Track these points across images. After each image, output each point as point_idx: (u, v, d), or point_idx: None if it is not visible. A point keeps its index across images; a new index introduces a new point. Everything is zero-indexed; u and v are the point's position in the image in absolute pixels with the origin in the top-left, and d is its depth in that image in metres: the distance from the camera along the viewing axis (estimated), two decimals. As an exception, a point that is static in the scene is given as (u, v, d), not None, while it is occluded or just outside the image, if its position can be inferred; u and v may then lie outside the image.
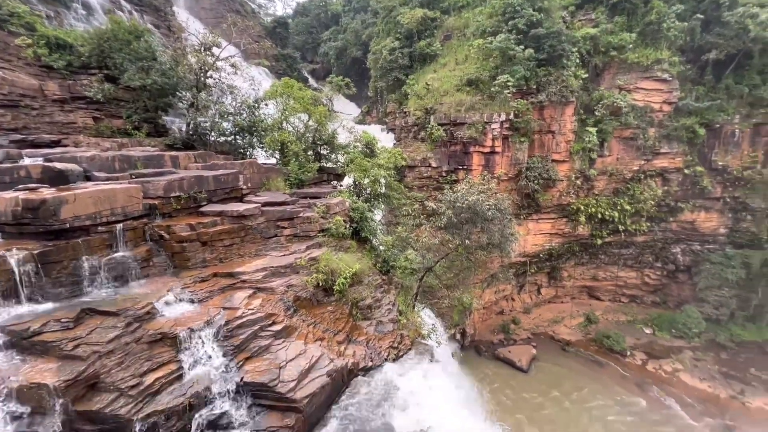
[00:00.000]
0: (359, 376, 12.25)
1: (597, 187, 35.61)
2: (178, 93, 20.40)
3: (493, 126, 31.97)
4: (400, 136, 36.57)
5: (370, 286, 17.05)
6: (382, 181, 24.09)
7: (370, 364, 12.86)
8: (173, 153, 16.65)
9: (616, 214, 35.06)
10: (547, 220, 36.72)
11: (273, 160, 22.23)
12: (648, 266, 38.96)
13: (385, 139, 35.39)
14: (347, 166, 22.77)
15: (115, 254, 10.94)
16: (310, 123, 23.13)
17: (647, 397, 30.29)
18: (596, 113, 33.50)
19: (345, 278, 15.00)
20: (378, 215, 25.54)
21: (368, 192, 23.78)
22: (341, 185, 24.29)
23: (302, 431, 9.85)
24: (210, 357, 10.04)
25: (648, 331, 37.23)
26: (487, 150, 32.84)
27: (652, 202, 34.80)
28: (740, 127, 33.21)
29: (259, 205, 14.99)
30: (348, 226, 18.39)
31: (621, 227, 35.60)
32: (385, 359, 13.57)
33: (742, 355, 33.46)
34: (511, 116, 32.01)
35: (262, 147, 21.99)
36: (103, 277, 10.53)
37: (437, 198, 21.44)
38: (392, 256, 20.67)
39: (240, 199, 16.08)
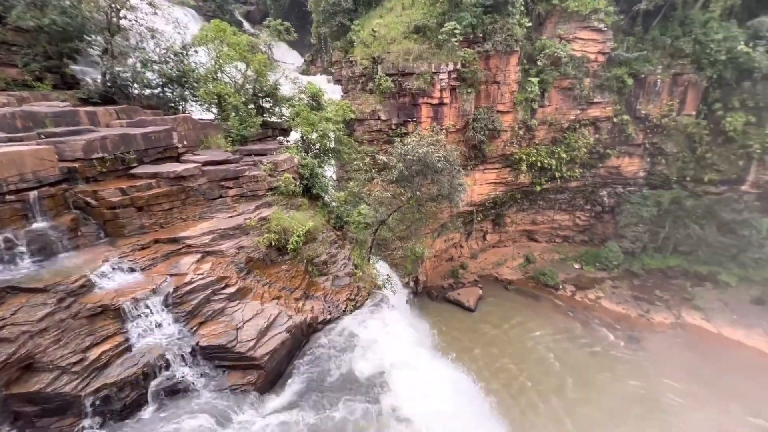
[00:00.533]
0: (319, 330, 12.63)
1: (537, 137, 37.44)
2: (86, 37, 17.52)
3: (441, 76, 31.65)
4: (347, 88, 35.08)
5: (325, 242, 17.08)
6: (331, 135, 23.34)
7: (329, 317, 13.24)
8: (89, 108, 14.62)
9: (554, 162, 37.46)
10: (492, 170, 38.37)
11: (210, 115, 20.48)
12: (579, 209, 42.82)
13: (331, 91, 33.78)
14: (293, 120, 21.64)
15: (34, 225, 9.78)
16: (249, 73, 21.30)
17: (577, 322, 34.73)
18: (538, 63, 34.30)
19: (298, 236, 14.84)
20: (329, 171, 25.01)
21: (317, 147, 22.99)
22: (288, 141, 23.21)
23: (265, 386, 10.12)
24: (160, 325, 9.71)
25: (577, 266, 41.80)
26: (435, 101, 32.73)
27: (585, 150, 37.49)
28: (662, 77, 35.95)
29: (199, 164, 13.95)
30: (298, 183, 17.89)
31: (558, 174, 38.26)
32: (344, 311, 14.03)
33: (650, 280, 39.05)
34: (459, 66, 31.80)
35: (196, 100, 20.04)
36: (22, 252, 9.45)
37: (387, 151, 21.33)
38: (345, 211, 20.64)
39: (176, 158, 14.82)
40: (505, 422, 21.04)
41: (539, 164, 37.57)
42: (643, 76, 35.98)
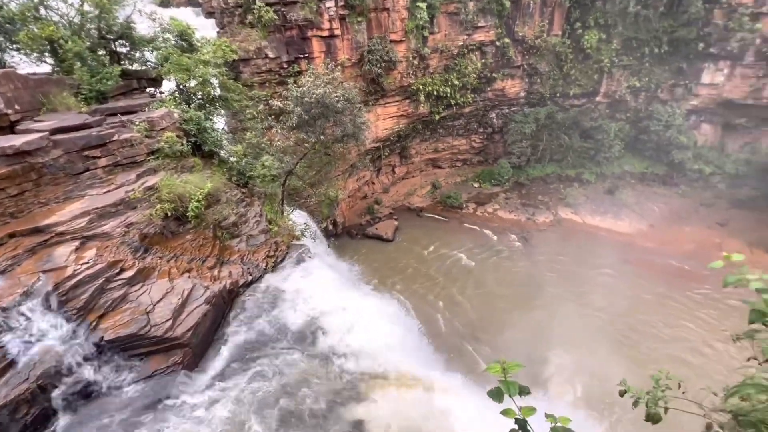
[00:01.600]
0: (242, 293, 12.30)
1: (431, 66, 37.98)
2: None
3: (327, 4, 29.12)
4: (222, 22, 30.32)
5: (230, 202, 15.95)
6: (214, 81, 20.59)
7: (249, 278, 12.89)
8: None
9: (448, 90, 38.89)
10: (392, 104, 38.46)
11: (46, 68, 16.28)
12: (473, 132, 46.18)
13: (203, 27, 28.90)
14: (162, 66, 18.39)
15: None
16: (87, 8, 16.96)
17: (480, 234, 39.41)
18: (424, -14, 33.52)
19: (198, 201, 13.56)
20: (220, 123, 22.45)
21: (200, 97, 20.19)
22: (161, 92, 19.94)
23: (194, 362, 9.80)
24: (47, 330, 8.42)
25: (476, 185, 46.26)
26: (326, 34, 30.43)
27: (474, 75, 39.43)
28: (534, -1, 38.25)
29: (46, 133, 11.31)
30: (185, 142, 15.85)
31: (453, 101, 40.04)
32: (265, 269, 13.76)
33: (533, 188, 45.36)
34: (345, -9, 29.50)
35: (19, 49, 15.60)
36: None
37: (282, 95, 19.69)
38: (247, 166, 19.17)
39: (9, 129, 11.77)
40: (431, 332, 23.98)
41: (436, 93, 38.67)
42: (518, -3, 37.81)
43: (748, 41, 34.83)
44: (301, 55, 30.79)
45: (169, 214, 12.67)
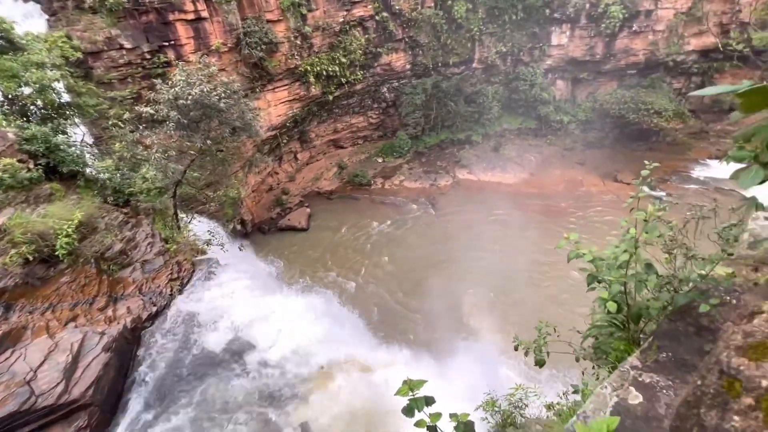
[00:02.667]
0: (149, 327, 11.15)
1: (316, 45, 36.84)
2: None
3: (185, -17, 25.88)
4: (52, 7, 24.84)
5: (112, 228, 14.04)
6: (58, 85, 17.21)
7: (154, 309, 11.70)
8: None
9: (337, 69, 38.37)
10: (282, 88, 36.67)
11: None
12: (369, 109, 46.76)
13: (26, 15, 23.52)
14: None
15: None
16: None
17: (390, 206, 41.01)
18: (292, -40, 31.76)
19: (68, 235, 11.66)
20: (77, 135, 19.00)
21: (41, 107, 16.74)
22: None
23: (104, 420, 8.77)
24: None
25: (380, 160, 47.50)
26: (191, 17, 27.20)
27: (360, 51, 39.44)
28: (404, -30, 39.09)
29: None
30: (32, 166, 13.27)
31: (343, 80, 39.73)
32: (171, 295, 12.58)
33: (432, 155, 48.34)
34: (203, -33, 26.44)
35: None
36: None
37: (152, 99, 17.28)
38: (124, 181, 16.82)
39: None
40: (362, 312, 24.79)
41: (325, 73, 37.87)
42: (389, -31, 38.23)
43: (580, 6, 40.93)
44: (166, 43, 27.21)
45: (31, 257, 10.68)
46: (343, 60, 38.40)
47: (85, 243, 12.55)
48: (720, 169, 42.04)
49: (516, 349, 5.12)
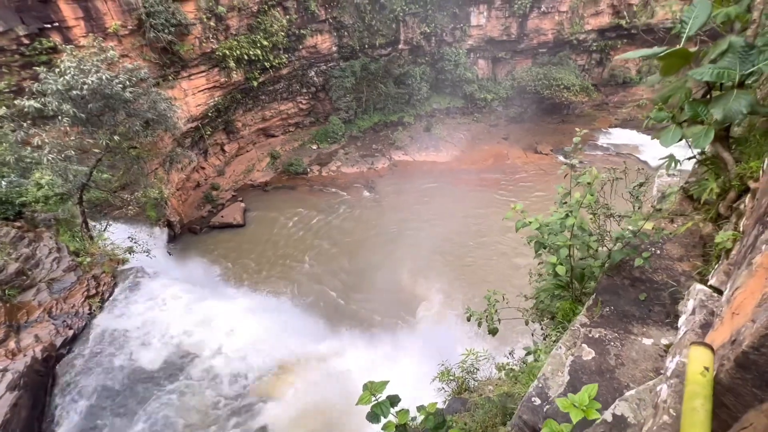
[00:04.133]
0: (66, 355, 9.75)
1: (232, 26, 34.07)
2: None
3: (63, -48, 22.11)
4: None
5: (2, 246, 11.95)
6: None
7: (70, 333, 10.26)
8: None
9: (259, 52, 36.01)
10: (199, 75, 33.58)
11: None
12: (297, 94, 44.90)
13: None
14: None
15: None
16: None
17: (329, 193, 40.34)
18: (195, -70, 28.68)
19: (-58, 262, 9.68)
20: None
21: None
22: None
23: (23, 465, 7.59)
24: None
25: (315, 147, 46.19)
26: (75, -7, 23.46)
27: (283, 34, 37.36)
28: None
29: None
30: None
31: (267, 64, 37.48)
32: (90, 313, 11.11)
33: (367, 138, 48.15)
34: (84, -66, 22.76)
35: None
36: None
37: (36, 91, 14.64)
38: (11, 190, 14.31)
39: None
40: (310, 305, 24.31)
41: (246, 57, 35.37)
42: (304, -55, 36.30)
43: (495, -13, 42.82)
44: (48, 25, 23.27)
45: None
46: (265, 43, 36.13)
47: (-33, 268, 10.51)
48: (619, 137, 47.64)
49: (468, 319, 5.30)
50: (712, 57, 2.26)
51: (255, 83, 37.99)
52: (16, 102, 14.56)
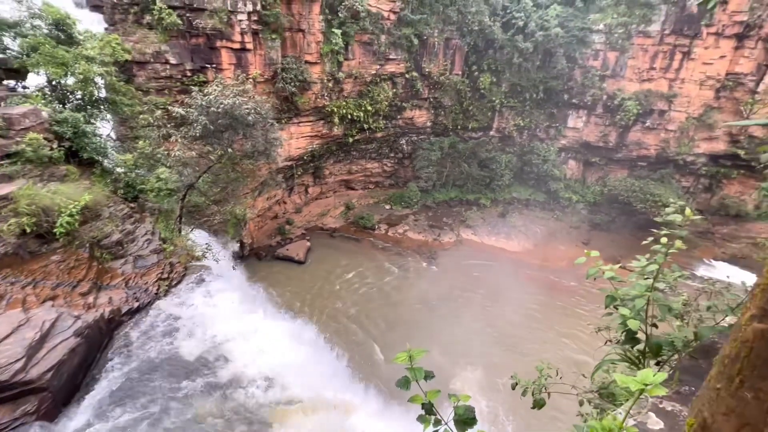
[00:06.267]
0: (125, 321, 10.60)
1: (345, 90, 39.07)
2: None
3: (239, 17, 28.21)
4: (113, 18, 27.02)
5: (115, 218, 13.95)
6: (99, 81, 18.14)
7: (136, 305, 11.22)
8: None
9: (362, 115, 40.32)
10: (306, 123, 38.29)
11: None
12: (385, 157, 48.34)
13: (88, 21, 25.48)
14: (28, 56, 15.62)
15: None
16: None
17: (391, 253, 40.64)
18: (339, 15, 34.80)
19: (71, 216, 11.58)
20: (105, 129, 19.66)
21: (79, 97, 17.53)
22: (24, 87, 16.89)
23: (54, 410, 8.02)
24: None
25: (388, 207, 48.06)
26: (237, 46, 29.27)
27: (386, 103, 41.69)
28: (438, 40, 42.48)
29: None
30: (56, 146, 13.56)
31: (366, 126, 41.56)
32: (156, 294, 12.12)
33: (439, 210, 48.90)
34: (259, 7, 28.95)
35: None
36: None
37: (185, 102, 18.09)
38: (138, 178, 17.06)
39: None
40: (343, 354, 23.51)
41: (350, 116, 39.71)
42: (425, 37, 41.58)
43: (598, 96, 43.59)
44: (209, 65, 29.02)
45: (28, 230, 10.52)
46: (369, 108, 40.42)
47: (84, 227, 12.41)
48: (726, 272, 41.69)
49: (513, 387, 4.71)
50: None
51: (350, 140, 41.98)
52: (168, 107, 18.07)
